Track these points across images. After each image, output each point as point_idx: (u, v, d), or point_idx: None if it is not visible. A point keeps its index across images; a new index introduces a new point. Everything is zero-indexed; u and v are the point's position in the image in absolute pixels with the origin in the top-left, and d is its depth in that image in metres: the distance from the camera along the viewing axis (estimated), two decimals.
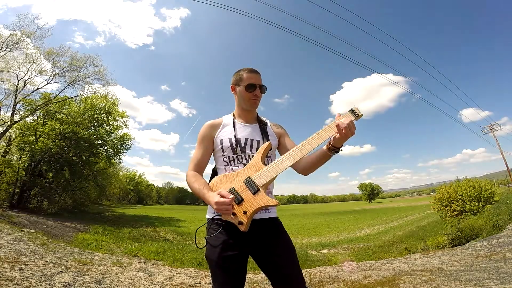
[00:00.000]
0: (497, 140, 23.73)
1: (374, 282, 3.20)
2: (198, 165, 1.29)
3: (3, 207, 11.05)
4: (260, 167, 1.16)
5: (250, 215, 1.09)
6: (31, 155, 13.28)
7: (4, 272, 2.75)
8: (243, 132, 1.31)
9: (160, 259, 5.58)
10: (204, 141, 1.31)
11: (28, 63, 14.02)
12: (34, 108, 13.83)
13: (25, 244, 4.37)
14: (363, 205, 60.08)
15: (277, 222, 1.28)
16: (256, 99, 1.31)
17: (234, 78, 1.35)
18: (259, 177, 1.13)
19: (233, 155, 1.26)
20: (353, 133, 1.09)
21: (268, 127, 1.39)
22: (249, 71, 1.32)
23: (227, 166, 1.27)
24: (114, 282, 3.05)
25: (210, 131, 1.32)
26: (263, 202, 1.09)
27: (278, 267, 1.17)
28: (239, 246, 1.15)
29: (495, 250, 4.59)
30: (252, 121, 1.38)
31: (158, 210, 35.41)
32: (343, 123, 1.07)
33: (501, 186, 35.62)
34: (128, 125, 19.46)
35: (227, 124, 1.34)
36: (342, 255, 8.29)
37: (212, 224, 1.22)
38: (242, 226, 1.09)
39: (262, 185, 1.12)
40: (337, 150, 1.16)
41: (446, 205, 12.59)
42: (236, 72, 1.37)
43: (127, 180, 54.40)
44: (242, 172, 1.18)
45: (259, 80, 1.31)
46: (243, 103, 1.33)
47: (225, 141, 1.27)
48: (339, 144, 1.14)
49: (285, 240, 1.24)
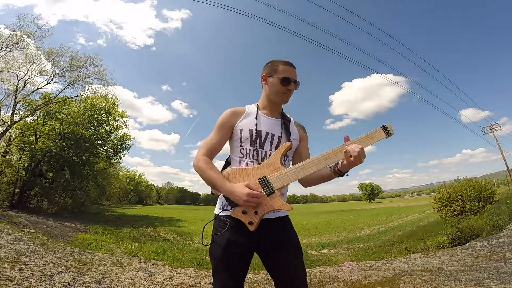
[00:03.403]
0: (497, 140, 23.71)
1: (374, 282, 3.20)
2: (210, 150, 1.21)
3: (3, 207, 11.05)
4: (277, 168, 1.12)
5: (261, 216, 1.06)
6: (31, 155, 13.29)
7: (4, 272, 2.75)
8: (265, 125, 1.25)
9: (160, 259, 5.57)
10: (223, 128, 1.24)
11: (28, 63, 14.02)
12: (34, 108, 13.82)
13: (25, 244, 4.36)
14: (363, 205, 60.06)
15: (287, 220, 1.25)
16: (288, 94, 1.26)
17: (268, 68, 1.28)
18: (276, 179, 1.09)
19: (250, 147, 1.20)
20: (361, 161, 1.06)
21: (292, 124, 1.33)
22: (286, 63, 1.25)
23: (242, 159, 1.20)
24: (114, 282, 3.05)
25: (231, 118, 1.25)
26: (277, 205, 1.07)
27: (283, 268, 1.15)
28: (245, 245, 1.13)
29: (495, 250, 4.59)
30: (276, 115, 1.31)
31: (158, 210, 35.38)
32: (353, 150, 1.04)
33: (501, 186, 35.61)
34: (128, 125, 19.48)
35: (250, 114, 1.27)
36: (342, 255, 8.29)
37: (217, 220, 1.18)
38: (251, 226, 1.05)
39: (278, 188, 1.08)
40: (342, 175, 1.16)
41: (446, 205, 12.59)
42: (270, 62, 1.29)
43: (127, 180, 54.34)
44: (257, 169, 1.13)
45: (295, 75, 1.26)
46: (273, 96, 1.26)
47: (245, 131, 1.21)
48: (346, 169, 1.13)
49: (293, 241, 1.21)
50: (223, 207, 1.18)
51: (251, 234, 1.09)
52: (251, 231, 1.06)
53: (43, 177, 14.44)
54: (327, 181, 1.22)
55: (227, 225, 1.13)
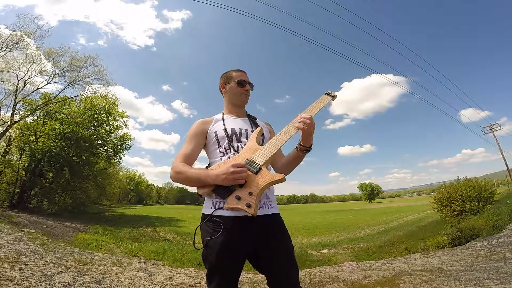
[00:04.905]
0: (497, 140, 23.69)
1: (374, 282, 3.20)
2: (186, 158, 1.22)
3: (3, 207, 11.05)
4: (257, 148, 1.17)
5: (257, 195, 1.02)
6: (31, 155, 13.29)
7: (4, 272, 2.75)
8: (235, 123, 1.35)
9: (160, 259, 5.57)
10: (197, 136, 1.31)
11: (28, 63, 14.04)
12: (34, 108, 13.83)
13: (25, 244, 4.36)
14: (363, 205, 60.09)
15: (279, 219, 1.24)
16: (247, 94, 1.41)
17: (224, 78, 1.44)
18: (258, 156, 1.12)
19: (229, 143, 1.26)
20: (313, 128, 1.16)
21: (258, 120, 1.47)
22: (237, 70, 1.43)
23: (223, 157, 1.24)
24: (114, 282, 3.05)
25: (202, 126, 1.34)
26: (268, 178, 1.05)
27: (276, 267, 1.15)
28: (240, 247, 1.11)
29: (495, 250, 4.59)
30: (242, 115, 1.44)
31: (158, 210, 35.39)
32: (305, 119, 1.14)
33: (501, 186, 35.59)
34: (128, 125, 19.50)
35: (219, 120, 1.37)
36: (342, 255, 8.28)
37: (209, 221, 1.12)
38: (251, 209, 0.99)
39: (263, 163, 1.10)
40: (308, 149, 1.21)
41: (446, 205, 12.58)
42: (223, 73, 1.45)
43: (127, 180, 54.33)
44: (239, 156, 1.16)
45: (247, 78, 1.42)
46: (234, 99, 1.40)
47: (220, 132, 1.29)
48: (308, 142, 1.19)
49: (285, 240, 1.21)
50: (215, 206, 1.13)
51: (246, 234, 1.10)
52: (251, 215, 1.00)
53: (43, 177, 14.44)
54: (297, 162, 1.29)
55: (221, 228, 1.08)
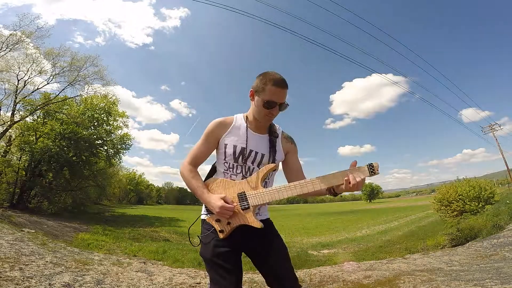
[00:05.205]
0: (497, 140, 23.73)
1: (374, 282, 3.20)
2: (195, 160, 1.29)
3: (3, 207, 11.04)
4: (257, 187, 1.18)
5: (232, 227, 1.16)
6: (31, 155, 13.28)
7: (4, 272, 2.75)
8: (251, 142, 1.24)
9: (160, 259, 5.57)
10: (210, 138, 1.27)
11: (28, 63, 14.04)
12: (34, 108, 13.83)
13: (25, 244, 4.36)
14: (363, 205, 60.06)
15: (268, 222, 1.30)
16: (271, 117, 1.22)
17: (257, 83, 1.20)
18: (253, 197, 1.17)
19: (234, 163, 1.25)
20: (359, 190, 1.10)
21: (278, 140, 1.31)
22: (275, 83, 1.15)
23: (226, 172, 1.26)
24: (114, 282, 3.05)
25: (218, 130, 1.26)
26: (249, 221, 1.15)
27: (271, 265, 1.22)
28: (230, 244, 1.18)
29: (495, 250, 4.59)
30: (263, 131, 1.29)
31: (158, 210, 35.39)
32: (354, 179, 1.05)
33: (501, 186, 35.60)
34: (128, 125, 19.52)
35: (238, 128, 1.27)
36: (342, 255, 8.29)
37: (204, 224, 1.26)
38: (221, 234, 1.16)
39: (253, 205, 1.16)
40: (335, 195, 1.20)
41: (446, 205, 12.60)
42: (262, 74, 1.20)
43: (127, 180, 54.35)
44: (239, 184, 1.21)
45: (282, 97, 1.17)
46: (257, 115, 1.24)
47: (229, 147, 1.23)
48: (341, 192, 1.17)
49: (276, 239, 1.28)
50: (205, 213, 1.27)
51: (234, 235, 1.18)
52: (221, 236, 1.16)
53: (43, 177, 14.43)
54: (317, 195, 1.24)
55: (212, 228, 1.21)
